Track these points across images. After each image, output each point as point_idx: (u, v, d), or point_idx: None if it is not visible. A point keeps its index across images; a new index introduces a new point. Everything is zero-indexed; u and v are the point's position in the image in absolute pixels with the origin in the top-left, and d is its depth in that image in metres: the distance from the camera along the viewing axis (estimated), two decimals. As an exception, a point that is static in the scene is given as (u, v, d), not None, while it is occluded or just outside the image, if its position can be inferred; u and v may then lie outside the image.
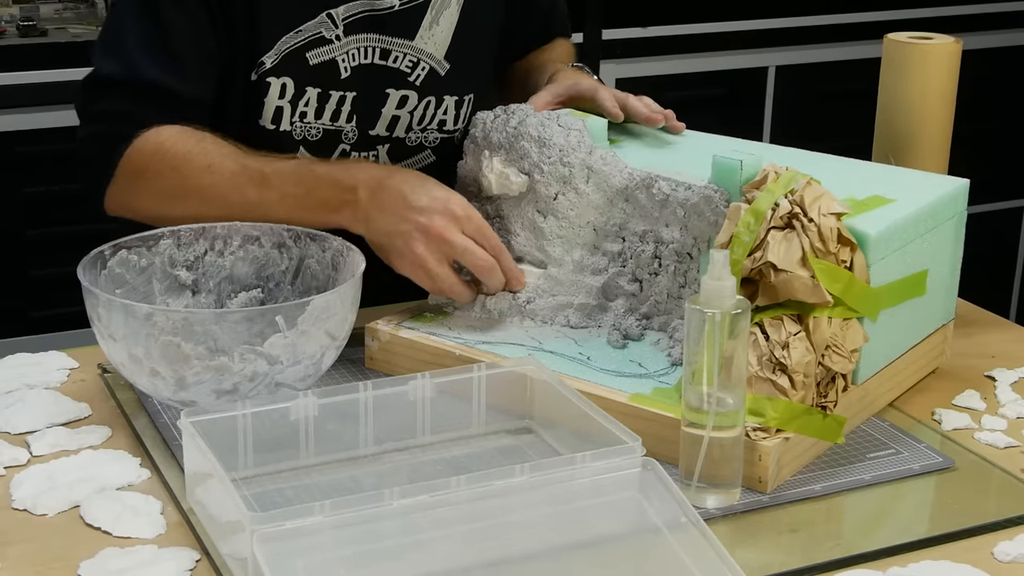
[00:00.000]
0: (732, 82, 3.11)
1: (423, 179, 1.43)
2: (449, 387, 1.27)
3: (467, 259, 1.40)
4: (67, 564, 1.11)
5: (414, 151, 1.63)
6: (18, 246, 2.63)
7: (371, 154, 1.60)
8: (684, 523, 1.08)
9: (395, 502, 1.06)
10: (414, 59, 1.58)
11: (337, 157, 1.58)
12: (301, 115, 1.55)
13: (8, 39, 2.61)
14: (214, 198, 1.46)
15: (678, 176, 1.38)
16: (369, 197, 1.41)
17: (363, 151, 1.60)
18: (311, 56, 1.53)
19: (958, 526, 1.18)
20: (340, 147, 1.58)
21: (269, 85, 1.53)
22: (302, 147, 1.56)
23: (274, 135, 1.54)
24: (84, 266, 1.32)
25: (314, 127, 1.55)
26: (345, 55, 1.55)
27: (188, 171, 1.47)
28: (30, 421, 1.32)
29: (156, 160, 1.49)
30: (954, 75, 1.57)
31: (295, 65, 1.53)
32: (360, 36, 1.55)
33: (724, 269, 1.15)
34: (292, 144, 1.56)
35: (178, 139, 1.49)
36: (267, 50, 1.51)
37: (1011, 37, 3.38)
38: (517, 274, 1.43)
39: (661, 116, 1.53)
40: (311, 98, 1.54)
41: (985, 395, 1.41)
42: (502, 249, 1.42)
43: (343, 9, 1.53)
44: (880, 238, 1.28)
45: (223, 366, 1.25)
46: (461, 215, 1.39)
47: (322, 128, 1.56)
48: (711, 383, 1.16)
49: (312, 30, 1.52)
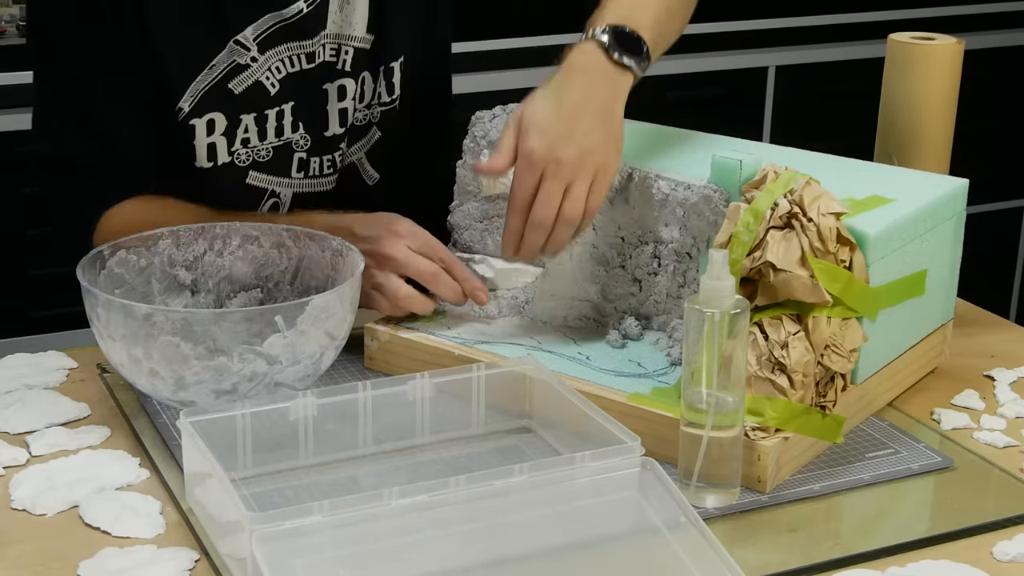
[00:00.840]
0: (732, 82, 3.11)
1: (374, 213, 1.45)
2: (448, 387, 1.27)
3: (411, 269, 1.41)
4: (66, 564, 1.11)
5: (364, 131, 1.61)
6: (18, 246, 2.63)
7: (335, 155, 1.59)
8: (683, 523, 1.08)
9: (394, 502, 1.06)
10: (335, 46, 1.55)
11: (296, 168, 1.57)
12: (244, 141, 1.53)
13: (8, 39, 2.61)
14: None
15: (678, 176, 1.38)
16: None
17: (321, 154, 1.58)
18: (234, 86, 1.51)
19: (957, 526, 1.18)
20: (296, 157, 1.57)
21: (194, 127, 1.51)
22: (251, 171, 1.55)
23: (215, 171, 1.54)
24: (83, 266, 1.32)
25: (262, 148, 1.54)
26: (268, 72, 1.52)
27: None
28: (29, 421, 1.32)
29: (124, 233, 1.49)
30: (956, 75, 1.57)
31: (219, 99, 1.51)
32: (278, 49, 1.52)
33: (723, 269, 1.16)
34: (239, 173, 1.55)
35: (142, 214, 1.50)
36: (181, 94, 1.49)
37: (1011, 37, 3.38)
38: (474, 284, 1.43)
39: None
40: (248, 124, 1.53)
41: (984, 395, 1.41)
42: (453, 261, 1.43)
43: (251, 30, 1.50)
44: (879, 238, 1.28)
45: (222, 366, 1.25)
46: (405, 233, 1.42)
47: (271, 147, 1.55)
48: (710, 383, 1.16)
49: (225, 60, 1.50)
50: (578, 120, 1.34)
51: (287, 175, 1.57)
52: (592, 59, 1.36)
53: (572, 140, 1.33)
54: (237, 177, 1.55)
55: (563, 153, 1.33)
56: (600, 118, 1.34)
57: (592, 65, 1.36)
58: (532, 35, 2.86)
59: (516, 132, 1.35)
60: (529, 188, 1.34)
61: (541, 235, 1.35)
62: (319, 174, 1.59)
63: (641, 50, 1.37)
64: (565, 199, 1.34)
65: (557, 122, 1.34)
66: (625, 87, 1.37)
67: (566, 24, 2.97)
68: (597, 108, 1.34)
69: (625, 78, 1.37)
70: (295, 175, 1.58)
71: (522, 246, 1.36)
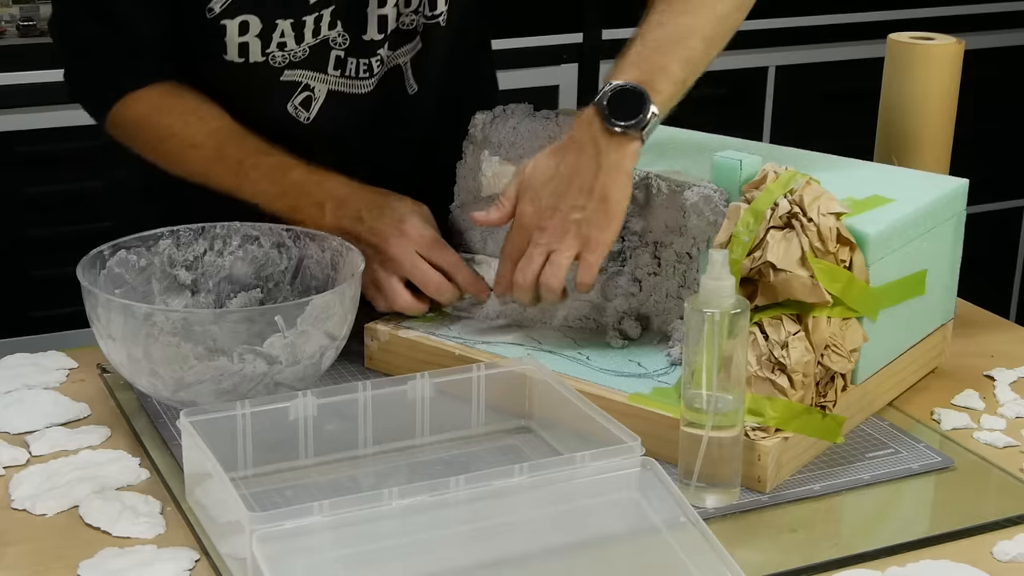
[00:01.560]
0: (732, 82, 3.11)
1: (385, 197, 1.43)
2: (448, 387, 1.27)
3: (415, 277, 1.41)
4: (66, 564, 1.11)
5: (409, 36, 1.55)
6: (18, 246, 2.63)
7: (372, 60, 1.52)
8: (683, 523, 1.08)
9: (394, 502, 1.06)
10: None
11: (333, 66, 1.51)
12: (280, 45, 1.47)
13: (8, 39, 2.61)
14: (195, 174, 1.48)
15: (678, 176, 1.38)
16: (332, 215, 1.43)
17: (358, 57, 1.52)
18: None
19: (957, 526, 1.18)
20: (333, 55, 1.50)
21: (225, 27, 1.46)
22: (286, 69, 1.49)
23: (246, 67, 1.48)
24: (83, 266, 1.32)
25: (298, 51, 1.49)
26: None
27: (171, 147, 1.48)
28: (29, 421, 1.32)
29: (141, 132, 1.49)
30: (956, 75, 1.57)
31: (253, 2, 1.45)
32: None
33: (723, 269, 1.16)
34: (272, 71, 1.49)
35: (161, 109, 1.48)
36: None
37: (1011, 37, 3.38)
38: (477, 288, 1.44)
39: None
40: (284, 29, 1.47)
41: (984, 395, 1.41)
42: (458, 266, 1.43)
43: None
44: (879, 238, 1.28)
45: (222, 366, 1.25)
46: (414, 235, 1.41)
47: (307, 47, 1.49)
48: (710, 383, 1.16)
49: None
50: (567, 193, 1.33)
51: (323, 71, 1.52)
52: (589, 131, 1.34)
53: (558, 211, 1.33)
54: (270, 74, 1.50)
55: (548, 222, 1.34)
56: (588, 193, 1.33)
57: (588, 137, 1.34)
58: (532, 35, 2.86)
59: (517, 188, 1.36)
60: (517, 247, 1.36)
61: (524, 294, 1.37)
62: (355, 76, 1.53)
63: (641, 110, 1.33)
64: (546, 265, 1.35)
65: (548, 191, 1.34)
66: (628, 153, 1.33)
67: (566, 24, 2.98)
68: (587, 182, 1.33)
69: (625, 143, 1.33)
70: (331, 72, 1.52)
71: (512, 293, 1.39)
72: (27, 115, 2.58)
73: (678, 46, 1.37)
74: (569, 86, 2.93)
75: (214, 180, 1.47)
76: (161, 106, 1.50)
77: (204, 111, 1.49)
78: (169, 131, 1.47)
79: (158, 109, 1.49)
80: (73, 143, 2.59)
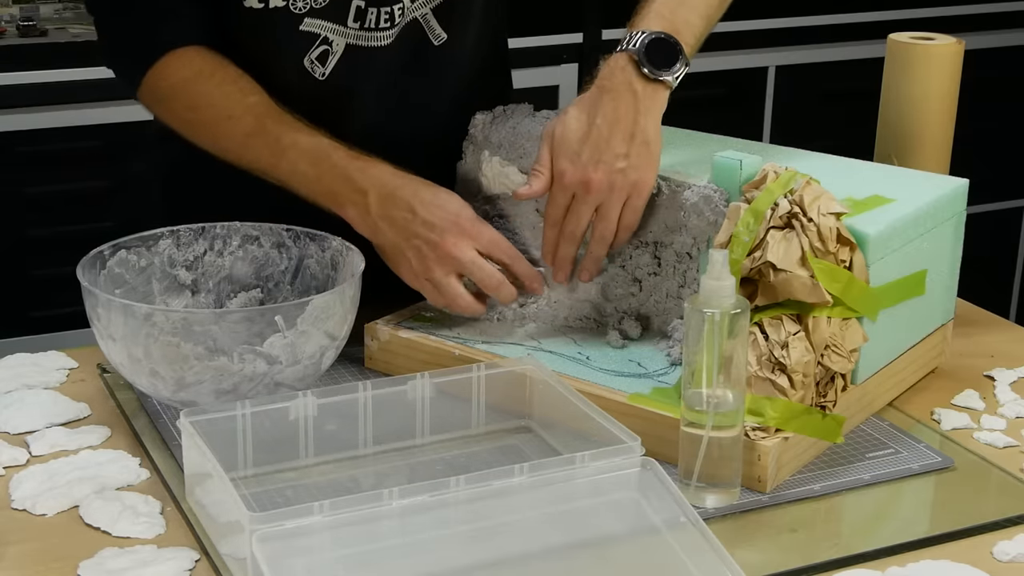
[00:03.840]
0: (732, 82, 3.11)
1: (435, 191, 1.39)
2: (448, 387, 1.27)
3: (476, 275, 1.38)
4: (66, 564, 1.11)
5: None
6: (18, 246, 2.63)
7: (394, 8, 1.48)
8: (683, 523, 1.08)
9: (394, 502, 1.06)
10: None
11: (353, 18, 1.47)
12: None
13: (8, 39, 2.61)
14: (228, 151, 1.44)
15: (678, 176, 1.38)
16: (379, 205, 1.38)
17: (379, 6, 1.48)
18: None
19: (957, 526, 1.18)
20: (353, 5, 1.46)
21: None
22: (307, 17, 1.46)
23: (265, 13, 1.44)
24: (83, 266, 1.32)
25: None
26: None
27: (207, 118, 1.44)
28: (29, 421, 1.32)
29: (176, 98, 1.46)
30: (956, 75, 1.57)
31: None
32: None
33: (723, 269, 1.16)
34: (292, 19, 1.45)
35: (201, 76, 1.44)
36: None
37: (1011, 37, 3.38)
38: (533, 279, 1.41)
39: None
40: None
41: (984, 395, 1.41)
42: (517, 257, 1.40)
43: None
44: (879, 238, 1.28)
45: (222, 366, 1.25)
46: (471, 230, 1.38)
47: None
48: (710, 383, 1.16)
49: None
50: (608, 142, 1.33)
51: (343, 23, 1.48)
52: (623, 76, 1.34)
53: (602, 163, 1.33)
54: (289, 23, 1.46)
55: (593, 176, 1.33)
56: (631, 138, 1.33)
57: (623, 83, 1.34)
58: (532, 35, 2.86)
59: (550, 150, 1.36)
60: (561, 207, 1.36)
61: (572, 247, 1.36)
62: (375, 27, 1.49)
63: (677, 60, 1.35)
64: (597, 219, 1.35)
65: (587, 144, 1.34)
66: (660, 100, 1.35)
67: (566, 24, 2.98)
68: (628, 128, 1.33)
69: (659, 91, 1.35)
70: (351, 24, 1.48)
71: (556, 258, 1.39)
72: (27, 115, 2.58)
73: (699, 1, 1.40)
74: (569, 86, 2.93)
75: (248, 156, 1.43)
76: (202, 72, 1.45)
77: (244, 83, 1.45)
78: (207, 99, 1.44)
79: (198, 75, 1.45)
80: (73, 143, 2.59)
